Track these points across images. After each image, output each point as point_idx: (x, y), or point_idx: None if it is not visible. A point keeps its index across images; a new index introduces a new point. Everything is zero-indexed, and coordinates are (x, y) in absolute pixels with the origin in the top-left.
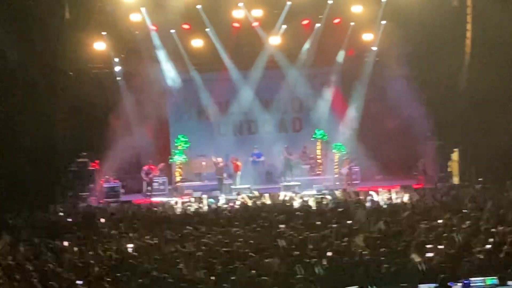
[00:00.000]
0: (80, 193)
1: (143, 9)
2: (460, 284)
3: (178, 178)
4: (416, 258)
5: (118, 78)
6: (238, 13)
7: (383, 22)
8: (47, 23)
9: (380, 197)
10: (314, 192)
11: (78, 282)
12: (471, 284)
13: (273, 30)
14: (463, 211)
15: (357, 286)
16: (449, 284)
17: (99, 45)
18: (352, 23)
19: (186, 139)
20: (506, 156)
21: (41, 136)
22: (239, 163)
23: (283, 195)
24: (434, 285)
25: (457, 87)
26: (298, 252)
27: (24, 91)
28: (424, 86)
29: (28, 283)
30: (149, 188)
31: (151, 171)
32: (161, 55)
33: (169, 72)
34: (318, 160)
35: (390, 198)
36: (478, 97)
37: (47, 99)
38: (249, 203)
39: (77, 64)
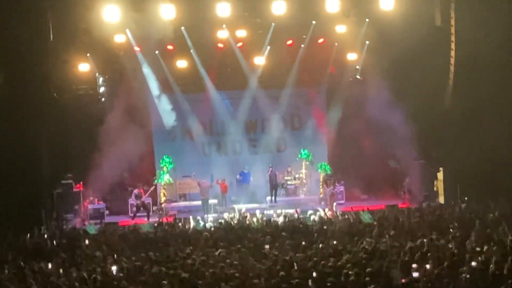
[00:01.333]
0: (64, 215)
1: (127, 30)
2: None
3: (162, 199)
4: (397, 277)
5: (102, 99)
6: (222, 34)
7: (367, 42)
8: (32, 45)
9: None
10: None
11: None
12: None
13: (257, 50)
14: (450, 230)
15: None
16: None
17: (84, 67)
18: (336, 44)
19: (171, 160)
20: (492, 175)
21: (26, 158)
22: (226, 184)
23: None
24: None
25: (441, 106)
26: (283, 273)
27: (8, 113)
28: (408, 105)
29: None
30: (142, 209)
31: (141, 194)
32: (146, 75)
33: (154, 92)
34: (303, 181)
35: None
36: (463, 116)
37: (32, 121)
38: (234, 223)
39: (62, 85)
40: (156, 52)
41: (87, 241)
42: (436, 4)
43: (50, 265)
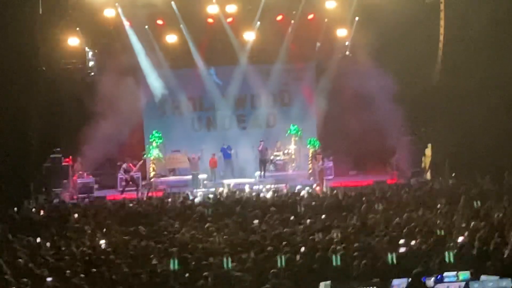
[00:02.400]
0: (53, 189)
1: (117, 5)
2: (433, 278)
3: (152, 174)
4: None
5: (91, 74)
6: (212, 9)
7: (357, 18)
8: (21, 19)
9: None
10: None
11: (49, 278)
12: (444, 279)
13: (247, 26)
14: (437, 206)
15: (329, 281)
16: (422, 279)
17: (73, 41)
18: (325, 20)
19: (160, 135)
20: (479, 151)
21: (15, 132)
22: (215, 159)
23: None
24: (407, 280)
25: (430, 82)
26: (271, 248)
27: None
28: (397, 81)
29: (1, 278)
30: (131, 183)
31: (130, 169)
32: (136, 50)
33: (144, 67)
34: (292, 156)
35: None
36: (451, 92)
37: (21, 95)
38: (223, 198)
39: (51, 59)
40: (146, 27)
41: (75, 215)
42: None
43: (38, 239)
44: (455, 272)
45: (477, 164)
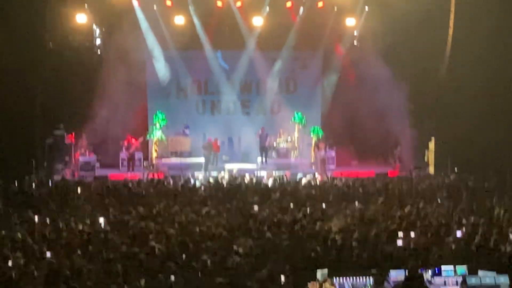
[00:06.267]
0: (55, 166)
1: None
2: (431, 271)
3: (154, 155)
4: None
5: (98, 52)
6: None
7: (366, 8)
8: None
9: None
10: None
11: (48, 254)
12: (442, 273)
13: (256, 11)
14: (438, 200)
15: (326, 269)
16: (419, 271)
17: (81, 18)
18: (335, 8)
19: (164, 116)
20: (483, 147)
21: (19, 107)
22: (218, 144)
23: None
24: (404, 271)
25: (437, 76)
26: (270, 234)
27: (2, 61)
28: (403, 73)
29: None
30: (130, 163)
31: (131, 145)
32: (143, 30)
33: (151, 48)
34: (295, 144)
35: None
36: (457, 88)
37: (26, 70)
38: (224, 183)
39: (58, 36)
40: (155, 7)
41: (76, 193)
42: None
43: (38, 215)
44: (453, 266)
45: (480, 160)
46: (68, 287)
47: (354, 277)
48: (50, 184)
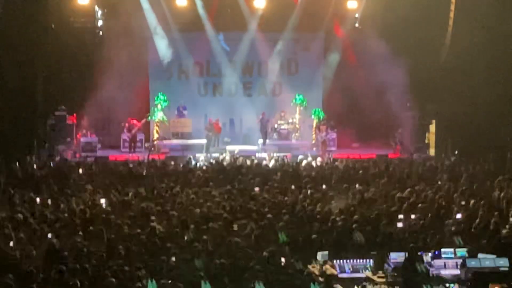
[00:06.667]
0: (56, 146)
1: None
2: (430, 254)
3: (155, 136)
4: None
5: (100, 33)
6: None
7: None
8: None
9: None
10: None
11: (49, 234)
12: (442, 255)
13: None
14: (438, 182)
15: (327, 251)
16: (419, 253)
17: None
18: None
19: (165, 97)
20: (483, 130)
21: (21, 88)
22: (220, 125)
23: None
24: (404, 254)
25: (438, 59)
26: (271, 215)
27: (4, 42)
28: (404, 56)
29: (0, 233)
30: (132, 144)
31: (133, 126)
32: (145, 11)
33: (152, 29)
34: (296, 126)
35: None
36: (458, 71)
37: (29, 51)
38: (225, 164)
39: (60, 16)
40: None
41: (77, 173)
42: None
43: (39, 195)
44: (453, 249)
45: (481, 142)
46: (69, 268)
47: (355, 259)
48: (51, 164)
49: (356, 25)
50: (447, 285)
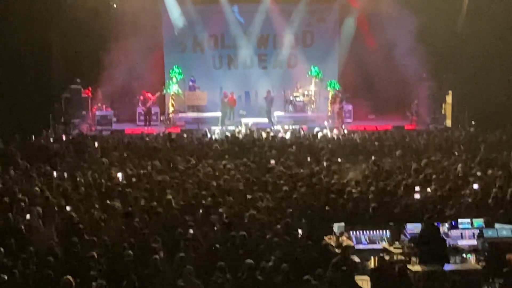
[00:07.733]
0: (72, 120)
1: None
2: (447, 225)
3: (171, 109)
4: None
5: (114, 5)
6: None
7: None
8: None
9: None
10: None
11: (67, 207)
12: (459, 226)
13: None
14: (455, 153)
15: (343, 223)
16: (436, 224)
17: None
18: None
19: (180, 70)
20: (500, 100)
21: (36, 62)
22: (234, 98)
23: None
24: (421, 224)
25: (454, 30)
26: (287, 188)
27: (18, 15)
28: (421, 27)
29: (18, 207)
30: (147, 117)
31: (148, 100)
32: None
33: (167, 2)
34: (312, 98)
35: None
36: (475, 41)
37: (42, 24)
38: (241, 137)
39: None
40: None
41: (93, 147)
42: None
43: (56, 169)
44: (469, 219)
45: (498, 113)
46: (87, 240)
47: (371, 230)
48: (67, 138)
49: None
50: (464, 255)
